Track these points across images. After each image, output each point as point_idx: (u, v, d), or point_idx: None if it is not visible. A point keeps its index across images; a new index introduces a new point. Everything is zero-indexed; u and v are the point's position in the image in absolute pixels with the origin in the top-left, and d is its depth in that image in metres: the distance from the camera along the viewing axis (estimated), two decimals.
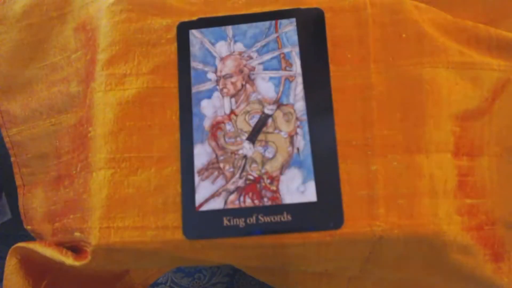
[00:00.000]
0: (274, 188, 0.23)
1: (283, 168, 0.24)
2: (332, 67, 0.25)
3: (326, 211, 0.23)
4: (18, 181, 0.29)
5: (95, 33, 0.27)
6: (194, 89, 0.25)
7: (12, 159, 0.29)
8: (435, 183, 0.23)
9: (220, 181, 0.24)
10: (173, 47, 0.26)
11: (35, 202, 0.28)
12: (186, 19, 0.26)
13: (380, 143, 0.24)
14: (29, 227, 0.28)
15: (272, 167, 0.24)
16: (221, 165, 0.24)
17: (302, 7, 0.26)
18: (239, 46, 0.26)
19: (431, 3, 0.26)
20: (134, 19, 0.26)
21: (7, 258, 0.27)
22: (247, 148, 0.24)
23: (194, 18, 0.26)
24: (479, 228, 0.24)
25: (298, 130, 0.24)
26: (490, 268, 0.24)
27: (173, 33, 0.26)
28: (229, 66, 0.25)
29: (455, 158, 0.24)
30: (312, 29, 0.25)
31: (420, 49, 0.24)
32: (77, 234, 0.26)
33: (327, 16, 0.25)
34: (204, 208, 0.23)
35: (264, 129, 0.24)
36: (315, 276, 0.29)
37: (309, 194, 0.23)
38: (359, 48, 0.25)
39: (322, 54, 0.25)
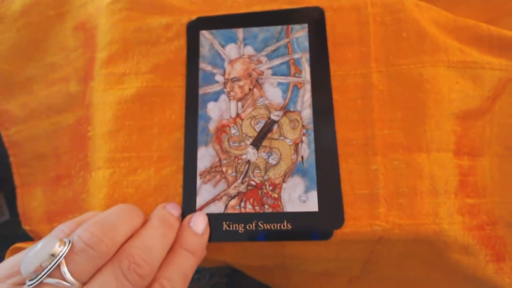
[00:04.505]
0: (275, 195, 0.23)
1: (286, 176, 0.23)
2: (332, 67, 0.25)
3: (327, 220, 0.23)
4: (17, 181, 0.29)
5: (94, 32, 0.27)
6: (201, 91, 0.25)
7: (11, 159, 0.29)
8: (436, 182, 0.23)
9: (222, 185, 0.24)
10: (172, 46, 0.26)
11: (33, 202, 0.28)
12: (185, 18, 0.26)
13: (381, 142, 0.23)
14: (27, 227, 0.28)
15: (275, 174, 0.24)
16: (224, 169, 0.24)
17: (301, 6, 0.25)
18: (249, 50, 0.25)
19: (432, 2, 0.26)
20: (134, 18, 0.26)
21: (5, 258, 0.27)
22: (251, 154, 0.24)
23: (194, 17, 0.26)
24: (480, 228, 0.24)
25: (304, 138, 0.24)
26: (491, 268, 0.24)
27: (172, 32, 0.26)
28: (237, 69, 0.25)
29: (456, 158, 0.24)
30: (319, 32, 0.25)
31: (421, 48, 0.24)
32: None
33: (327, 15, 0.25)
34: (204, 211, 0.23)
35: (269, 135, 0.24)
36: (316, 276, 0.29)
37: (311, 204, 0.23)
38: (359, 47, 0.25)
39: (326, 57, 0.25)
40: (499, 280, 0.24)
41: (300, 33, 0.25)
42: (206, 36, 0.26)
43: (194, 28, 0.26)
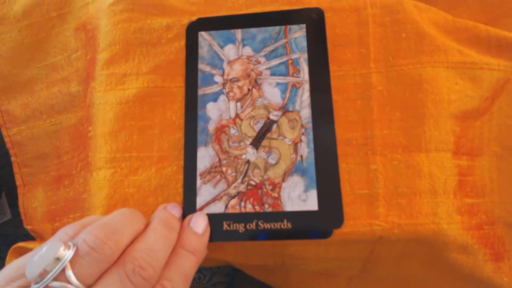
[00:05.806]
0: (275, 195, 0.23)
1: (285, 175, 0.24)
2: (332, 67, 0.25)
3: (326, 218, 0.23)
4: (18, 181, 0.29)
5: (96, 33, 0.27)
6: (200, 91, 0.25)
7: (12, 159, 0.29)
8: (435, 182, 0.23)
9: (222, 185, 0.24)
10: (173, 47, 0.26)
11: (35, 202, 0.28)
12: (186, 19, 0.26)
13: (380, 142, 0.24)
14: (29, 227, 0.28)
15: (274, 174, 0.24)
16: (224, 169, 0.24)
17: (302, 7, 0.26)
18: (248, 50, 0.26)
19: (431, 3, 0.26)
20: (135, 18, 0.26)
21: (7, 258, 0.27)
22: (250, 153, 0.24)
23: (194, 18, 0.26)
24: (479, 227, 0.24)
25: (303, 137, 0.24)
26: (490, 268, 0.24)
27: (173, 33, 0.26)
28: (236, 70, 0.25)
29: (455, 158, 0.24)
30: (318, 32, 0.25)
31: (420, 48, 0.24)
32: None
33: (327, 15, 0.25)
34: (205, 211, 0.23)
35: (269, 135, 0.24)
36: (315, 275, 0.29)
37: (311, 203, 0.23)
38: (359, 47, 0.25)
39: (325, 57, 0.25)
40: (497, 279, 0.24)
41: (298, 33, 0.25)
42: (204, 37, 0.26)
43: (193, 29, 0.26)
